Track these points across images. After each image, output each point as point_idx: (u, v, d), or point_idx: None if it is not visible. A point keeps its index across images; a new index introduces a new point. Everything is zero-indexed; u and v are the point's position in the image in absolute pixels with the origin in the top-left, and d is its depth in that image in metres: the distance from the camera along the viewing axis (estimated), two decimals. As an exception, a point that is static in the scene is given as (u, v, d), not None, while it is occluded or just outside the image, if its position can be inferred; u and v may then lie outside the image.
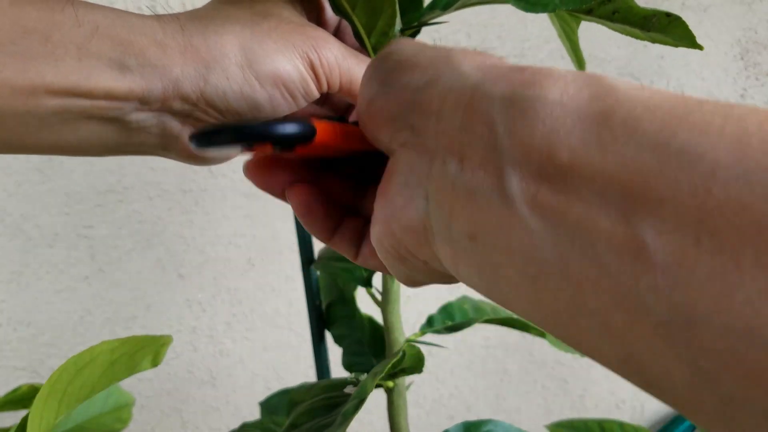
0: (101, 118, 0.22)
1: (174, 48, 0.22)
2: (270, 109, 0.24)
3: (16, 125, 0.21)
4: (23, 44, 0.20)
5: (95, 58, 0.21)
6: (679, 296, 0.11)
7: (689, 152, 0.11)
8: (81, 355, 0.35)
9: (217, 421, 0.73)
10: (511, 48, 0.81)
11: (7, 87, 0.20)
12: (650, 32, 0.27)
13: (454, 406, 0.88)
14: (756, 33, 0.99)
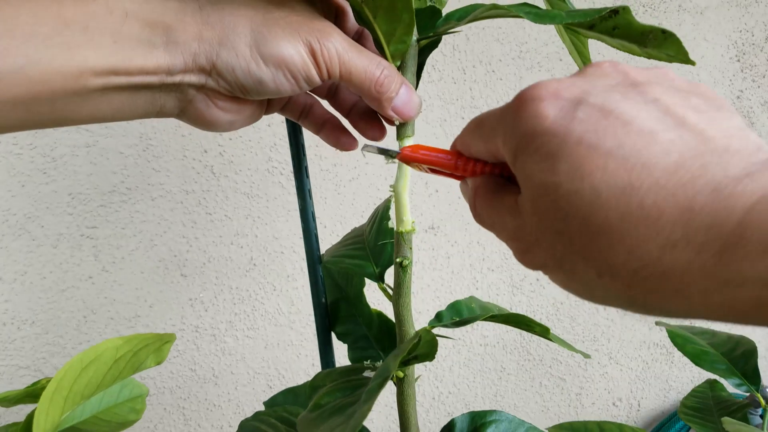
0: (134, 89, 0.25)
1: (192, 26, 0.25)
2: (274, 87, 0.27)
3: (65, 104, 0.24)
4: (67, 35, 0.23)
5: (128, 40, 0.24)
6: None
7: None
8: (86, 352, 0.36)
9: (219, 418, 0.74)
10: (509, 50, 0.82)
11: (59, 74, 0.23)
12: (647, 48, 0.28)
13: (453, 403, 0.89)
14: (752, 35, 0.99)
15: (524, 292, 0.90)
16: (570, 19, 0.26)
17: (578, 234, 0.18)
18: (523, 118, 0.19)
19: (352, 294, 0.42)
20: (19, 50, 0.22)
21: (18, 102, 0.23)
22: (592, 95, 0.18)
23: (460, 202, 0.83)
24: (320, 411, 0.28)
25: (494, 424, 0.38)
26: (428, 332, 0.30)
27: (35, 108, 0.24)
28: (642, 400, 1.04)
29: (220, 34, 0.25)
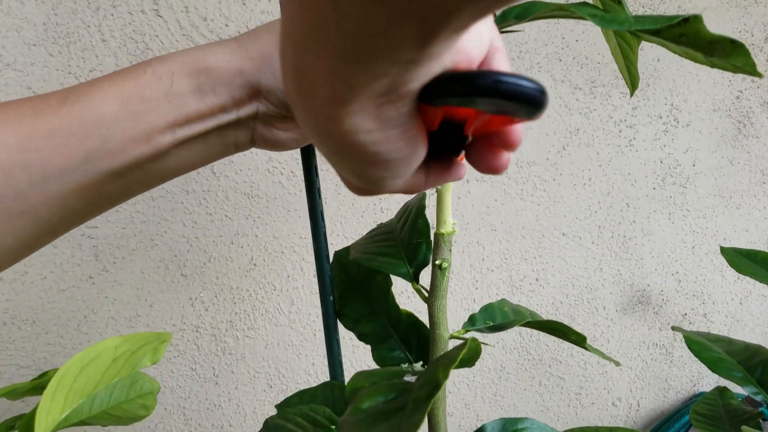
0: (202, 135, 0.29)
1: (233, 63, 0.28)
2: None
3: (152, 165, 0.28)
4: (128, 108, 0.27)
5: (179, 95, 0.28)
6: None
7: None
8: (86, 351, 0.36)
9: (220, 418, 0.74)
10: (508, 50, 0.82)
11: (132, 141, 0.27)
12: (713, 57, 0.27)
13: (453, 403, 0.89)
14: (752, 35, 0.99)
15: (524, 292, 0.91)
16: (639, 26, 0.25)
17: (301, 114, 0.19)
18: None
19: (376, 293, 0.41)
20: (95, 133, 0.26)
21: (113, 173, 0.27)
22: None
23: (460, 202, 0.83)
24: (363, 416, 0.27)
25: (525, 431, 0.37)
26: (475, 340, 0.29)
27: (129, 175, 0.27)
28: (641, 399, 1.04)
29: (259, 64, 0.28)
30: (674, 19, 0.25)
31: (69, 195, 0.26)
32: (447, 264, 0.32)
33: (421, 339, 0.40)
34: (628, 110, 0.92)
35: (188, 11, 0.63)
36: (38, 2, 0.57)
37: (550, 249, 0.91)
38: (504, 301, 0.38)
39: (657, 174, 0.96)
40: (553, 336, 0.35)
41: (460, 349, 0.28)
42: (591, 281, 0.95)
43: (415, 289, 0.37)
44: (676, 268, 1.02)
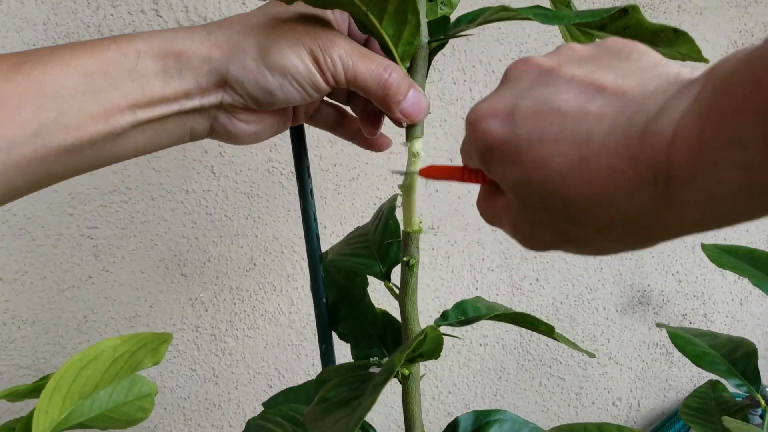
0: (161, 119, 0.28)
1: (201, 50, 0.27)
2: (282, 96, 0.28)
3: (105, 144, 0.27)
4: (90, 83, 0.26)
5: (143, 76, 0.27)
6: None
7: None
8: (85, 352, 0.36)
9: (220, 418, 0.74)
10: (509, 51, 0.82)
11: (90, 117, 0.26)
12: (658, 47, 0.28)
13: (453, 403, 0.89)
14: (752, 36, 0.99)
15: (524, 292, 0.91)
16: (579, 20, 0.26)
17: (563, 210, 0.20)
18: (476, 139, 0.23)
19: (355, 293, 0.43)
20: (51, 104, 0.25)
21: (64, 150, 0.25)
22: (521, 99, 0.21)
23: (460, 202, 0.83)
24: (326, 404, 0.29)
25: (498, 423, 0.38)
26: (434, 329, 0.30)
27: (78, 153, 0.26)
28: (642, 399, 1.04)
29: (228, 53, 0.27)
30: (612, 10, 0.26)
31: (11, 169, 0.25)
32: (415, 261, 0.33)
33: (396, 336, 0.41)
34: (628, 110, 0.92)
35: (188, 11, 0.63)
36: (38, 2, 0.57)
37: (550, 249, 0.91)
38: (479, 298, 0.40)
39: (657, 174, 0.96)
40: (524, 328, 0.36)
41: (418, 337, 0.29)
42: (591, 281, 0.95)
43: (387, 288, 0.38)
44: (677, 268, 1.02)
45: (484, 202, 0.27)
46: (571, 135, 0.19)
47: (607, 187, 0.19)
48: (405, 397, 0.36)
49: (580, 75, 0.21)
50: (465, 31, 0.31)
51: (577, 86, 0.20)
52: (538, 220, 0.22)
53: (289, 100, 0.29)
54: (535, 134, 0.20)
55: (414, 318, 0.34)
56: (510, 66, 0.24)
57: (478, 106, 0.23)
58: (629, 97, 0.19)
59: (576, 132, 0.19)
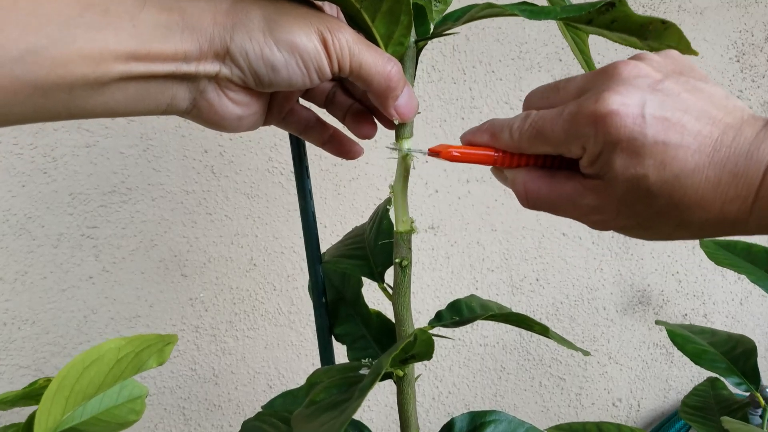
0: (149, 78, 0.25)
1: (207, 11, 0.25)
2: (286, 74, 0.27)
3: (82, 92, 0.23)
4: (88, 17, 0.23)
5: (146, 24, 0.24)
6: None
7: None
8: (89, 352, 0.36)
9: (220, 418, 0.74)
10: (509, 51, 0.82)
11: (81, 56, 0.22)
12: (647, 40, 0.28)
13: (453, 403, 0.89)
14: (752, 35, 0.99)
15: (524, 292, 0.91)
16: (565, 14, 0.26)
17: (663, 207, 0.24)
18: (605, 129, 0.24)
19: (350, 294, 0.43)
20: (42, 30, 0.22)
21: (38, 86, 0.22)
22: (648, 102, 0.24)
23: (460, 203, 0.83)
24: (315, 407, 0.29)
25: (494, 424, 0.38)
26: (424, 332, 0.30)
27: (53, 95, 0.23)
28: (642, 400, 1.04)
29: (234, 19, 0.25)
30: (598, 4, 0.26)
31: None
32: (407, 262, 0.33)
33: (391, 338, 0.41)
34: (629, 110, 0.92)
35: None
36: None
37: (551, 249, 0.91)
38: (473, 296, 0.39)
39: (657, 174, 0.96)
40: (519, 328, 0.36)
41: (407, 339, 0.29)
42: (591, 281, 0.95)
43: (381, 289, 0.38)
44: (677, 268, 1.02)
45: (544, 181, 0.28)
46: (688, 145, 0.23)
47: (709, 195, 0.24)
48: (400, 398, 0.36)
49: (683, 92, 0.24)
50: (451, 29, 0.31)
51: (691, 104, 0.24)
52: (629, 210, 0.25)
53: (291, 81, 0.27)
54: (661, 137, 0.24)
55: (407, 319, 0.34)
56: (619, 65, 0.25)
57: (606, 98, 0.24)
58: (726, 123, 0.24)
59: (693, 142, 0.23)
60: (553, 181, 0.28)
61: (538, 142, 0.27)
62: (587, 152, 0.25)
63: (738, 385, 0.57)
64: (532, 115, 0.27)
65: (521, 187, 0.28)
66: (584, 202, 0.27)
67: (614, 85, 0.24)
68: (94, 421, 0.36)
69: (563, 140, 0.26)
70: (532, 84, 0.83)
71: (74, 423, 0.35)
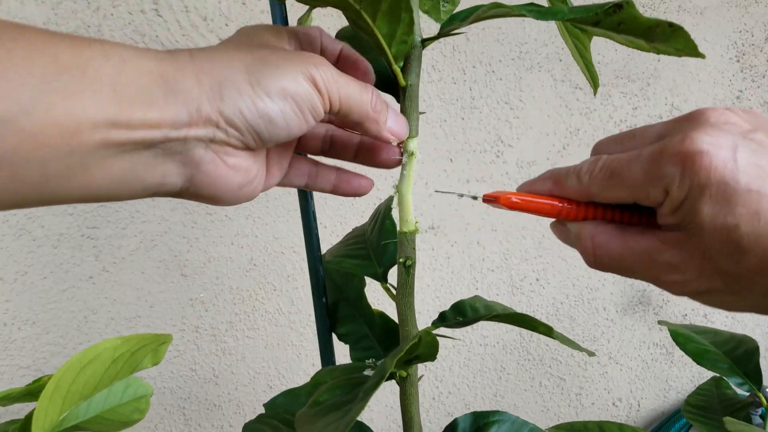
0: (133, 149, 0.22)
1: (189, 72, 0.23)
2: (284, 123, 0.25)
3: (57, 168, 0.20)
4: (64, 80, 0.20)
5: (127, 88, 0.21)
6: None
7: None
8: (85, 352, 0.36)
9: (220, 418, 0.74)
10: (509, 51, 0.82)
11: (55, 125, 0.20)
12: (654, 43, 0.27)
13: (453, 403, 0.89)
14: (752, 35, 0.99)
15: (524, 292, 0.91)
16: (573, 15, 0.26)
17: (755, 266, 0.22)
18: (693, 170, 0.22)
19: (353, 294, 0.42)
20: (13, 96, 0.19)
21: (5, 161, 0.19)
22: (740, 147, 0.22)
23: (460, 203, 0.83)
24: (319, 408, 0.28)
25: (497, 424, 0.38)
26: (428, 333, 0.30)
27: (23, 171, 0.20)
28: (642, 400, 1.04)
29: (218, 77, 0.24)
30: (606, 5, 0.25)
31: None
32: (411, 262, 0.33)
33: (395, 338, 0.41)
34: (629, 110, 0.92)
35: (188, 11, 0.63)
36: (38, 2, 0.57)
37: (551, 249, 0.91)
38: (477, 297, 0.39)
39: (657, 174, 0.96)
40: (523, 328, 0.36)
41: (412, 341, 0.29)
42: (591, 281, 0.95)
43: (384, 289, 0.38)
44: (677, 268, 1.02)
45: (616, 238, 0.25)
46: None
47: None
48: (403, 399, 0.36)
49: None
50: (458, 29, 0.31)
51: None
52: (714, 268, 0.23)
53: (290, 129, 0.25)
54: (755, 185, 0.21)
55: (411, 319, 0.34)
56: (706, 111, 0.24)
57: (696, 138, 0.22)
58: None
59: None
60: (625, 235, 0.25)
61: (612, 185, 0.24)
62: (670, 197, 0.23)
63: (740, 385, 0.57)
64: (603, 158, 0.25)
65: (588, 242, 0.25)
66: (662, 259, 0.24)
67: (703, 128, 0.23)
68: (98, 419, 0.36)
69: (642, 183, 0.23)
70: (532, 84, 0.83)
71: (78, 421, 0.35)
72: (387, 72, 0.33)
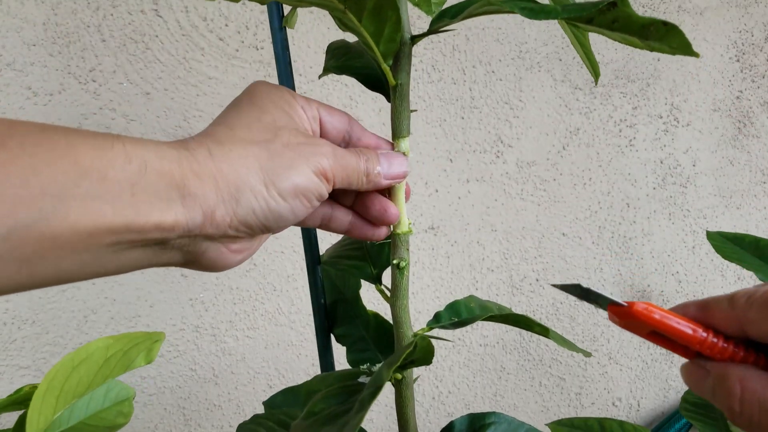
0: (144, 247, 0.23)
1: (208, 176, 0.24)
2: (292, 218, 0.27)
3: (71, 263, 0.21)
4: (84, 186, 0.20)
5: (146, 193, 0.22)
6: None
7: None
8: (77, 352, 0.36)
9: (220, 418, 0.74)
10: (509, 51, 0.82)
11: (72, 230, 0.20)
12: (648, 41, 0.27)
13: (453, 403, 0.89)
14: (752, 35, 0.99)
15: (524, 292, 0.91)
16: (566, 14, 0.26)
17: None
18: None
19: (349, 295, 0.42)
20: (34, 203, 0.19)
21: (23, 261, 0.20)
22: None
23: (460, 203, 0.83)
24: (314, 419, 0.28)
25: (493, 425, 0.38)
26: (423, 338, 0.30)
27: (39, 269, 0.20)
28: (642, 400, 1.04)
29: (236, 181, 0.24)
30: (601, 3, 0.25)
31: None
32: (405, 263, 0.33)
33: (389, 339, 0.41)
34: (629, 110, 0.92)
35: (188, 11, 0.63)
36: (38, 2, 0.57)
37: (551, 249, 0.91)
38: (472, 297, 0.39)
39: (657, 174, 0.96)
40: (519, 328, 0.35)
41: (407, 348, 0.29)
42: (591, 282, 0.95)
43: (378, 290, 0.38)
44: (677, 268, 1.02)
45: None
46: None
47: None
48: (398, 402, 0.36)
49: None
50: (448, 26, 0.30)
51: None
52: None
53: (297, 218, 0.27)
54: None
55: (406, 321, 0.33)
56: None
57: None
58: None
59: None
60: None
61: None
62: None
63: None
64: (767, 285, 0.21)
65: (736, 386, 0.20)
66: None
67: None
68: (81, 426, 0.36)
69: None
70: (532, 84, 0.83)
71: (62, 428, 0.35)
72: (377, 71, 0.33)
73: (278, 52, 0.37)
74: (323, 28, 0.70)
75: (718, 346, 0.21)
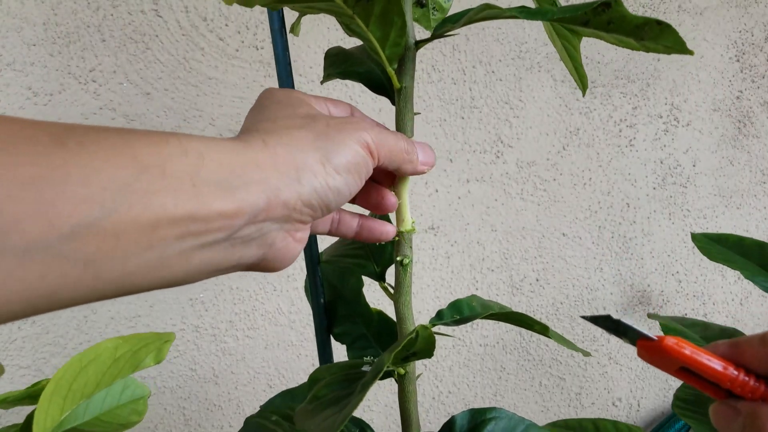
0: (212, 245, 0.23)
1: (267, 162, 0.24)
2: (348, 192, 0.27)
3: (137, 264, 0.21)
4: (144, 180, 0.20)
5: (206, 184, 0.22)
6: None
7: None
8: (86, 352, 0.36)
9: (220, 418, 0.74)
10: (509, 51, 0.82)
11: (134, 224, 0.20)
12: (644, 41, 0.27)
13: (453, 403, 0.89)
14: (752, 35, 0.99)
15: (524, 292, 0.91)
16: (562, 15, 0.26)
17: None
18: None
19: (350, 294, 0.43)
20: (96, 200, 0.19)
21: (88, 261, 0.19)
22: None
23: (460, 202, 0.83)
24: (317, 403, 0.29)
25: (494, 421, 0.38)
26: (425, 328, 0.30)
27: (105, 270, 0.20)
28: (642, 400, 1.04)
29: (295, 162, 0.25)
30: (594, 4, 0.26)
31: (16, 283, 0.18)
32: (408, 261, 0.33)
33: (392, 336, 0.41)
34: (629, 110, 0.92)
35: (188, 11, 0.63)
36: (38, 2, 0.57)
37: (551, 249, 0.91)
38: (474, 296, 0.40)
39: (657, 174, 0.96)
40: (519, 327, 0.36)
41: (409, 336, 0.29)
42: (591, 281, 0.95)
43: (382, 288, 0.38)
44: (677, 268, 1.02)
45: None
46: None
47: None
48: (401, 397, 0.36)
49: None
50: (451, 32, 0.31)
51: None
52: None
53: (351, 194, 0.28)
54: None
55: (409, 317, 0.34)
56: None
57: None
58: None
59: None
60: None
61: None
62: None
63: None
64: None
65: (767, 426, 0.21)
66: None
67: None
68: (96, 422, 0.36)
69: None
70: (531, 84, 0.83)
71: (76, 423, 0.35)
72: (380, 75, 0.34)
73: (278, 53, 0.37)
74: (323, 29, 0.70)
75: (749, 385, 0.21)
